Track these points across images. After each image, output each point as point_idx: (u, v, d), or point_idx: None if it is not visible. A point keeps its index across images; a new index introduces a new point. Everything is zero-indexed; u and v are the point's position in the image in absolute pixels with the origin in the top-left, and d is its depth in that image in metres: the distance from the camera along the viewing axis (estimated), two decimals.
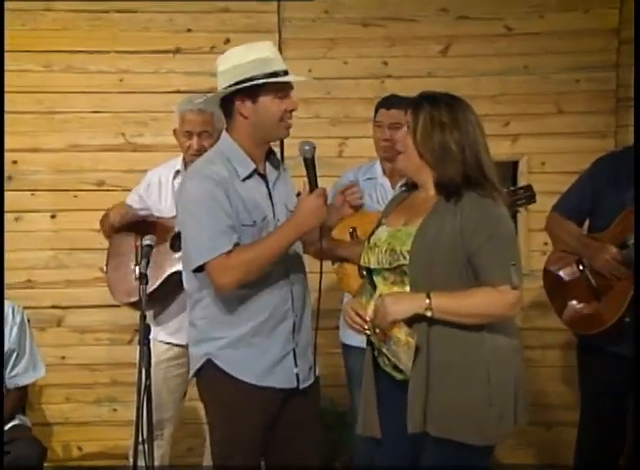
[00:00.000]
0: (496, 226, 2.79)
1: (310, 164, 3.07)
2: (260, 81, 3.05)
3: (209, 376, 3.18)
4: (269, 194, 3.18)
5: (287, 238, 3.04)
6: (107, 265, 4.11)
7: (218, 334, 3.15)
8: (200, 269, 3.07)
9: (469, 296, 2.77)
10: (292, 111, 3.12)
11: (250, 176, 3.13)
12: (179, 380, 4.04)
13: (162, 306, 3.93)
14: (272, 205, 3.17)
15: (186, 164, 4.03)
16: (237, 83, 3.07)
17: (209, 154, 3.23)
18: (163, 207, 4.02)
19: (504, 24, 4.97)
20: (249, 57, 3.08)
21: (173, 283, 3.79)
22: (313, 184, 3.05)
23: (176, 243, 3.80)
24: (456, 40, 4.97)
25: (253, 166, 3.13)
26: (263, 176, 3.18)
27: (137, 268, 3.95)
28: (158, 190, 4.05)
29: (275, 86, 3.08)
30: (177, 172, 4.04)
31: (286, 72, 3.10)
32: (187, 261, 3.13)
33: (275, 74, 3.07)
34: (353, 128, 4.82)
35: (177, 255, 3.80)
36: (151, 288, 3.81)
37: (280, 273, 3.13)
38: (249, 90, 3.07)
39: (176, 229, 3.84)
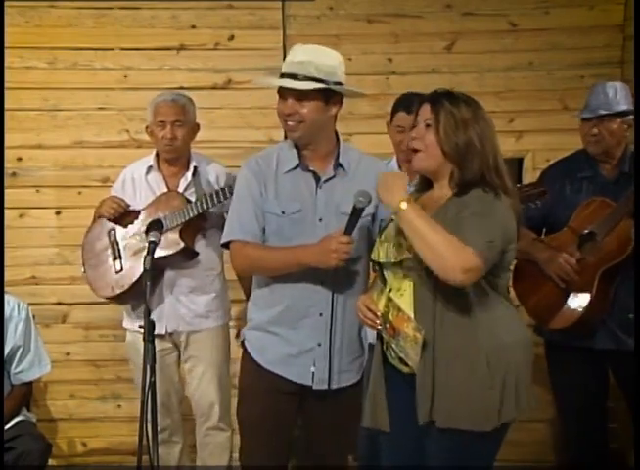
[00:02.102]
0: (486, 209, 2.76)
1: (356, 213, 3.04)
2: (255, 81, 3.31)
3: (242, 357, 3.35)
4: (316, 191, 3.22)
5: (293, 259, 3.13)
6: (84, 265, 4.16)
7: (251, 315, 3.33)
8: (225, 246, 3.32)
9: (442, 231, 2.70)
10: (287, 114, 3.15)
11: (293, 170, 3.21)
12: (174, 367, 4.16)
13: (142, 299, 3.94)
14: (316, 202, 3.21)
15: (159, 159, 4.10)
16: None
17: (272, 146, 3.42)
18: (139, 202, 4.07)
19: (509, 21, 4.98)
20: (288, 57, 3.21)
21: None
22: (348, 230, 3.05)
23: (150, 232, 3.83)
24: (461, 36, 4.97)
25: (296, 162, 3.21)
26: (314, 173, 3.22)
27: (116, 263, 4.04)
28: (132, 186, 4.12)
29: (279, 89, 3.17)
30: (150, 168, 4.11)
31: (290, 76, 3.13)
32: None
33: (281, 76, 3.16)
34: (358, 125, 4.80)
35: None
36: (132, 280, 3.98)
37: (306, 270, 3.14)
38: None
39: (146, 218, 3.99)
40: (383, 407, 2.96)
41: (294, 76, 3.12)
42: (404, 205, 2.74)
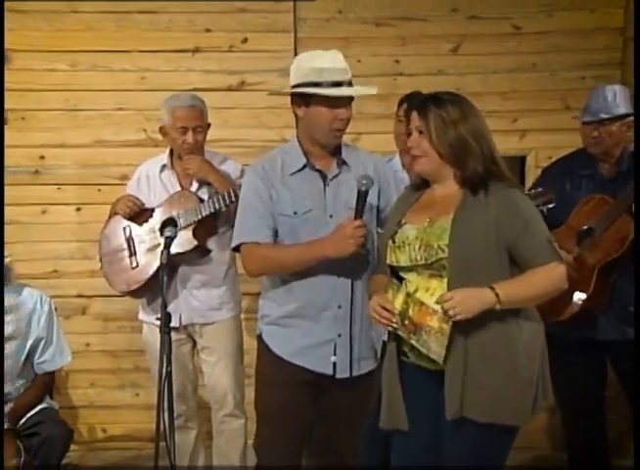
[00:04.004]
0: (527, 212, 2.88)
1: (362, 197, 3.11)
2: (299, 90, 3.21)
3: (258, 350, 3.40)
4: (324, 189, 3.28)
5: (311, 253, 3.16)
6: (100, 261, 4.22)
7: (267, 311, 3.36)
8: (236, 250, 3.33)
9: (528, 278, 2.85)
10: (342, 120, 3.20)
11: (300, 170, 3.28)
12: (189, 357, 4.24)
13: (157, 293, 3.96)
14: (325, 199, 3.27)
15: (172, 158, 4.14)
16: (293, 87, 3.24)
17: (277, 148, 3.44)
18: (153, 199, 4.13)
19: (513, 24, 5.04)
20: (310, 63, 3.20)
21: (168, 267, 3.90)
22: (359, 214, 3.11)
23: (164, 229, 3.88)
24: (466, 39, 5.04)
25: (304, 162, 3.27)
26: (321, 172, 3.28)
27: (132, 259, 4.10)
28: (147, 184, 4.17)
29: (325, 96, 3.16)
30: (163, 166, 4.16)
31: (340, 84, 3.17)
32: None
33: (323, 84, 3.16)
34: (366, 124, 4.84)
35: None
36: (147, 275, 4.04)
37: (323, 265, 3.19)
38: (301, 95, 3.21)
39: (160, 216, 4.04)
40: (401, 407, 2.97)
41: (341, 83, 3.18)
42: (494, 297, 2.77)
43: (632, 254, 3.76)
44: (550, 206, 3.68)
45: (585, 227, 3.89)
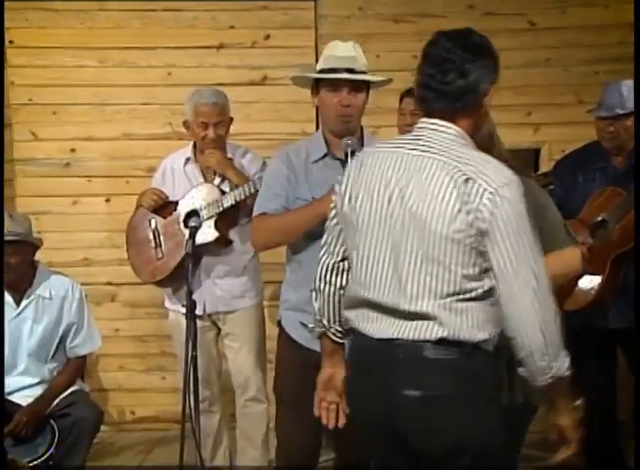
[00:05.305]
0: (543, 199, 2.94)
1: (351, 157, 3.13)
2: (300, 74, 3.38)
3: (278, 335, 3.46)
4: None
5: (312, 210, 3.19)
6: (127, 251, 4.32)
7: (286, 297, 3.42)
8: None
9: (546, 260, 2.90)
10: (345, 106, 3.27)
11: (322, 158, 3.35)
12: (213, 343, 4.33)
13: (181, 282, 4.04)
14: None
15: (196, 152, 4.23)
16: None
17: (304, 138, 3.58)
18: (177, 191, 4.21)
19: (528, 20, 5.14)
20: (326, 52, 3.33)
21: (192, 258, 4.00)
22: None
23: (188, 221, 4.00)
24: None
25: (324, 151, 3.34)
26: (342, 161, 3.32)
27: (157, 250, 4.20)
28: (171, 176, 4.26)
29: (328, 81, 3.26)
30: (187, 159, 4.25)
31: (347, 70, 3.23)
32: None
33: (330, 71, 3.25)
34: (385, 118, 4.86)
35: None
36: (172, 266, 4.13)
37: None
38: (315, 82, 3.33)
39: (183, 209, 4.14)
40: None
41: (350, 71, 3.25)
42: None
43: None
44: (550, 188, 3.62)
45: (598, 219, 3.88)
